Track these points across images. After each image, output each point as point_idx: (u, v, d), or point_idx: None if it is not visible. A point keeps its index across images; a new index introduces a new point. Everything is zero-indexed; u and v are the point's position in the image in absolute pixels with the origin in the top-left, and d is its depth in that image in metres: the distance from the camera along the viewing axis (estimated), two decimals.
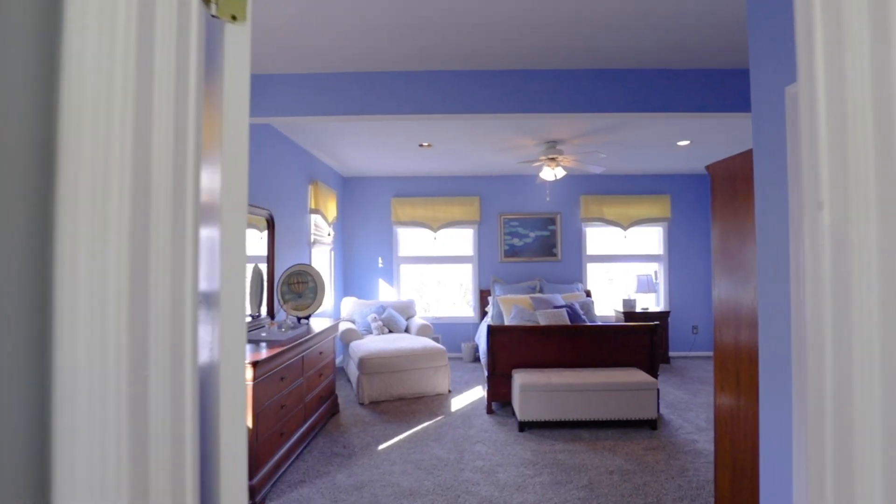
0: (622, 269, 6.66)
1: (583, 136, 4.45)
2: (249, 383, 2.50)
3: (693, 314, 6.39)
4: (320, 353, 3.71)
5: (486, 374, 4.20)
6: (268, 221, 3.78)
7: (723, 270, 2.21)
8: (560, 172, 4.64)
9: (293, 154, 4.55)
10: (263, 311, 3.83)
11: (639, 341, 4.08)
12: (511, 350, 4.05)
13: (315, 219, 5.12)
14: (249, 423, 2.50)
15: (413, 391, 4.50)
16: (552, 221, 6.38)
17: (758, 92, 1.79)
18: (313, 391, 3.52)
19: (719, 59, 2.80)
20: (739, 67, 2.88)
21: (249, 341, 3.08)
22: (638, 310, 5.99)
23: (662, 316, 5.89)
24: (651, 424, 3.68)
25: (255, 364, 2.49)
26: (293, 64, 2.84)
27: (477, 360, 6.13)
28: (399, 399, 4.46)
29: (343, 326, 5.11)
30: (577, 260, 6.40)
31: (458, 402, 4.38)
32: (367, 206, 6.43)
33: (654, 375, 4.06)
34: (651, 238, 6.56)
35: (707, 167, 2.34)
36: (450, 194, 6.40)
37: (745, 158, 2.03)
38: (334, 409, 4.07)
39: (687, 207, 6.42)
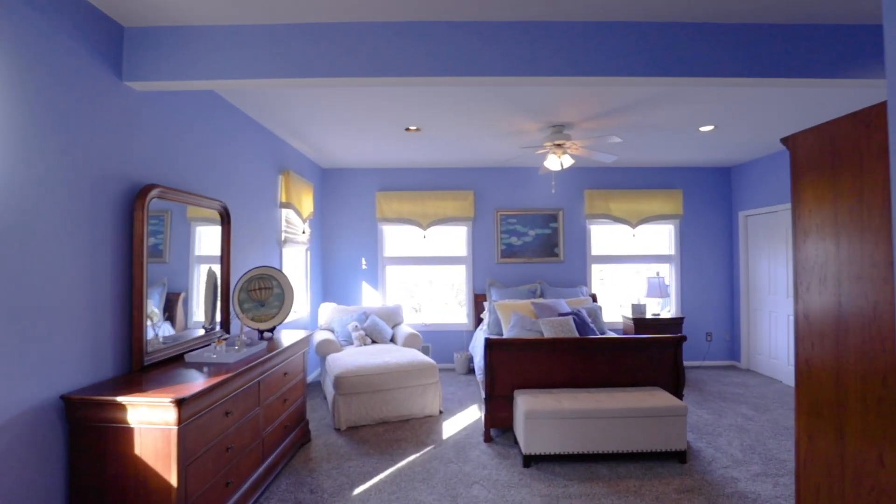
0: (619, 271, 6.11)
1: (594, 119, 3.87)
2: (173, 428, 1.87)
3: (707, 320, 5.86)
4: (285, 373, 3.08)
5: (483, 394, 3.60)
6: (221, 215, 3.14)
7: (813, 273, 1.63)
8: (567, 161, 4.05)
9: (258, 138, 3.91)
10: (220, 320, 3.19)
11: (661, 356, 3.51)
12: (512, 367, 3.45)
13: (287, 214, 4.47)
14: (174, 481, 1.87)
15: (398, 413, 3.88)
16: (553, 218, 5.80)
17: None
18: (274, 422, 2.89)
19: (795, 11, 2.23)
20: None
21: (191, 365, 2.44)
22: (648, 316, 5.44)
23: (676, 322, 5.34)
24: (679, 457, 3.11)
25: (180, 403, 1.86)
26: (230, 12, 2.21)
27: (471, 371, 5.53)
28: (382, 423, 3.84)
29: (319, 336, 4.48)
30: (581, 261, 5.83)
31: (450, 427, 3.77)
32: (349, 200, 5.79)
33: (679, 396, 3.50)
34: (660, 237, 6.01)
35: (785, 140, 1.76)
36: (441, 188, 5.79)
37: (860, 121, 1.44)
38: (304, 439, 3.44)
39: (700, 204, 5.89)
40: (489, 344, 3.42)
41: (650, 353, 3.50)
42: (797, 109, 3.67)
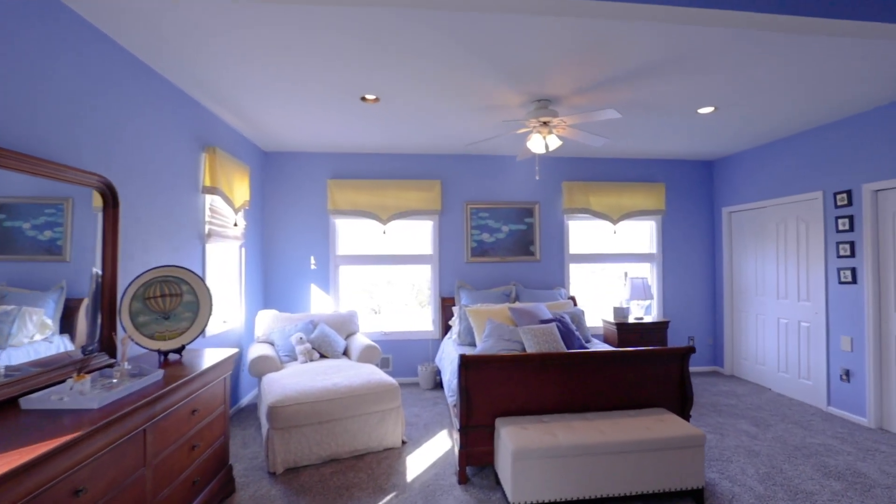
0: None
1: (584, 93, 3.30)
2: None
3: (688, 323, 5.48)
4: (194, 411, 2.28)
5: (456, 424, 2.93)
6: (102, 195, 2.29)
7: None
8: (554, 142, 3.46)
9: (170, 102, 3.06)
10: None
11: (665, 371, 2.97)
12: (493, 390, 2.80)
13: (212, 201, 3.62)
14: None
15: (351, 448, 3.14)
16: (529, 213, 5.23)
17: None
18: (174, 481, 2.09)
19: None
20: None
21: (28, 415, 1.62)
22: (631, 320, 4.97)
23: (661, 327, 4.90)
24: (696, 496, 2.56)
25: None
26: None
27: (438, 386, 4.85)
28: (330, 461, 3.08)
29: (255, 352, 3.65)
30: (559, 260, 5.28)
31: (416, 463, 3.08)
32: (296, 189, 4.97)
33: (687, 417, 2.98)
34: (641, 235, 5.58)
35: None
36: (403, 176, 5.08)
37: None
38: (226, 490, 2.63)
39: (682, 199, 5.50)
40: (465, 362, 2.75)
41: (654, 368, 2.96)
42: (810, 89, 3.25)
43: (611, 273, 5.58)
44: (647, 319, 5.01)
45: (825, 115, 3.83)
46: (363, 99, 3.37)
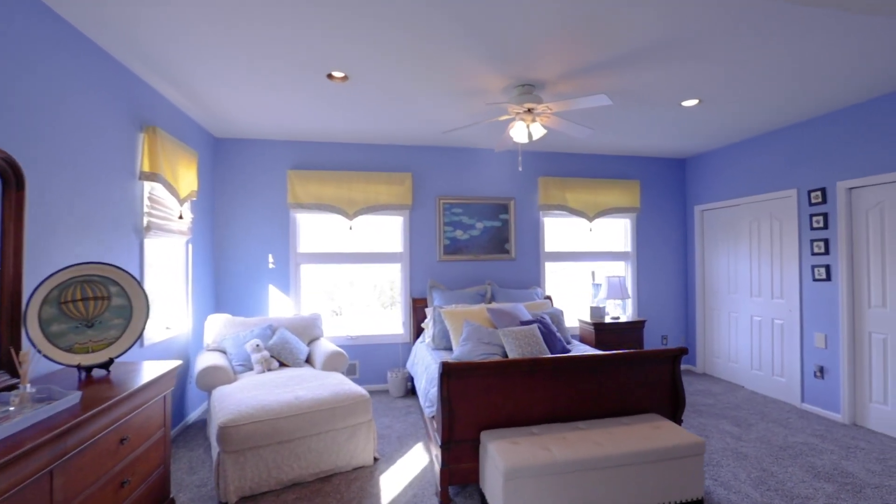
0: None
1: (571, 79, 3.10)
2: None
3: (662, 322, 5.43)
4: (122, 440, 1.87)
5: (437, 439, 2.63)
6: (3, 175, 1.83)
7: None
8: (538, 131, 3.23)
9: (99, 69, 2.59)
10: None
11: (656, 373, 2.81)
12: (478, 400, 2.53)
13: (151, 189, 3.15)
14: None
15: (317, 469, 2.78)
16: (504, 209, 5.01)
17: None
18: None
19: None
20: None
21: None
22: (608, 320, 4.85)
23: (637, 326, 4.80)
24: None
25: None
26: None
27: (410, 394, 4.53)
28: (292, 486, 2.71)
29: (203, 362, 3.20)
30: (535, 258, 5.09)
31: (390, 483, 2.76)
32: (252, 180, 4.51)
33: (678, 421, 2.83)
34: (615, 233, 5.48)
35: None
36: (372, 168, 4.73)
37: None
38: None
39: (657, 197, 5.45)
40: (447, 371, 2.46)
41: (645, 371, 2.78)
42: (802, 82, 3.19)
43: (575, 271, 5.44)
44: (623, 319, 4.91)
45: (810, 110, 3.79)
46: (330, 77, 3.01)
